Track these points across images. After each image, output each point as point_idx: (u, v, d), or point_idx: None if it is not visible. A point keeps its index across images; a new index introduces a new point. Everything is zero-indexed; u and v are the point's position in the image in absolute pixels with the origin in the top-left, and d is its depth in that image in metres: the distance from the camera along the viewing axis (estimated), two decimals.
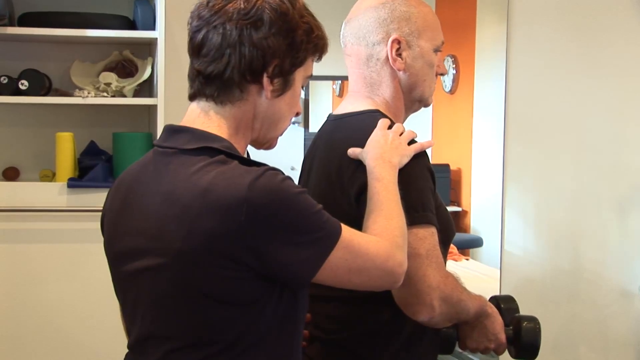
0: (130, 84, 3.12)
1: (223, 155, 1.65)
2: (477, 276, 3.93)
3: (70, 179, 2.96)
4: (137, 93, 3.16)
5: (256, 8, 1.68)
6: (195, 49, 1.71)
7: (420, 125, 4.02)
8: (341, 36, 2.09)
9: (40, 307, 2.98)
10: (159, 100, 3.00)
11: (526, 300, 3.75)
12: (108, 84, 3.08)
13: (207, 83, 1.71)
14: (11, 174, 3.20)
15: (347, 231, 1.67)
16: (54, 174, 3.08)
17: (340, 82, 4.06)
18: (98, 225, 2.88)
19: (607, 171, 3.82)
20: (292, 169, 3.93)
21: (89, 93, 3.01)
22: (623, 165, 3.80)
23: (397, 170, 1.88)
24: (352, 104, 2.06)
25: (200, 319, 1.63)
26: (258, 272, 1.60)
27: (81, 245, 2.99)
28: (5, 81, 3.00)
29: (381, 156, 1.89)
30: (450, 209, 3.09)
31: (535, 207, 3.80)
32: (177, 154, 1.68)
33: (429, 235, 1.88)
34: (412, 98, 2.09)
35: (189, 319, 1.64)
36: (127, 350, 2.11)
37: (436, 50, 2.07)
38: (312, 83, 3.98)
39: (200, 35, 1.70)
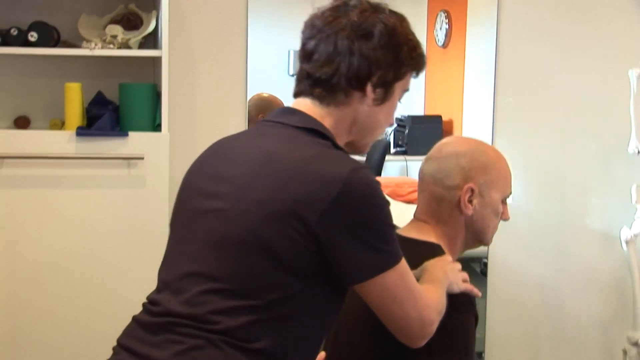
0: (136, 37, 3.10)
1: (330, 142, 1.72)
2: None
3: (78, 128, 2.96)
4: (142, 45, 3.15)
5: (368, 22, 1.74)
6: (307, 55, 1.77)
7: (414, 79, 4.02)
8: (419, 171, 2.14)
9: (51, 248, 2.99)
10: (164, 52, 2.99)
11: (513, 246, 3.80)
12: (114, 37, 3.06)
13: (315, 85, 1.75)
14: (22, 123, 3.20)
15: (405, 264, 1.71)
16: (63, 123, 3.08)
17: None
18: (105, 171, 2.91)
19: (592, 123, 3.84)
20: None
21: (96, 45, 3.00)
22: (607, 117, 3.81)
23: (446, 286, 1.92)
24: (418, 231, 2.10)
25: (251, 270, 1.65)
26: (318, 250, 1.62)
27: (89, 190, 3.00)
28: (15, 33, 2.98)
29: (442, 267, 1.93)
30: None
31: (522, 157, 3.79)
32: (287, 127, 1.75)
33: None
34: (473, 238, 2.14)
35: (240, 266, 1.65)
36: (136, 293, 2.10)
37: (504, 200, 2.13)
38: None
39: (312, 43, 1.76)
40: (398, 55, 1.76)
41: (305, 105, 1.77)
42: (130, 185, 3.01)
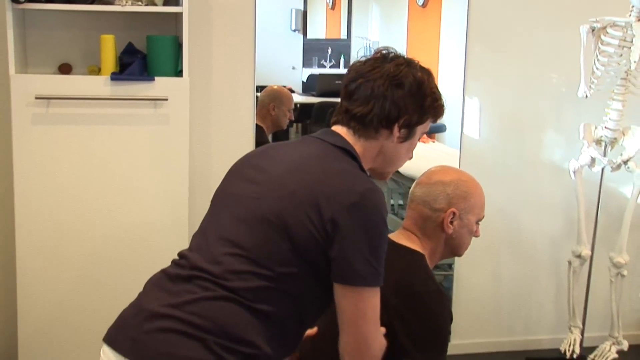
0: None
1: (357, 164, 1.78)
2: (441, 156, 3.96)
3: (112, 73, 2.96)
4: (166, 2, 3.11)
5: (402, 74, 1.78)
6: (349, 94, 1.81)
7: (398, 33, 4.01)
8: (410, 192, 2.18)
9: (89, 175, 2.99)
10: (184, 9, 2.97)
11: (479, 174, 3.77)
12: None
13: (351, 119, 1.80)
14: (65, 69, 3.19)
15: (379, 294, 1.71)
16: (99, 69, 3.07)
17: None
18: (135, 110, 2.95)
19: (548, 71, 3.84)
20: (293, 68, 3.92)
21: (126, 2, 2.97)
22: (561, 66, 3.80)
23: None
24: (407, 240, 2.12)
25: (269, 245, 1.67)
26: (324, 244, 1.65)
27: (121, 127, 2.98)
28: None
29: None
30: None
31: (489, 100, 3.81)
32: (326, 143, 1.79)
33: None
34: (450, 252, 2.18)
35: (261, 240, 1.68)
36: (161, 211, 2.12)
37: (477, 222, 2.17)
38: None
39: (354, 85, 1.80)
40: (423, 104, 1.80)
41: (343, 132, 1.81)
42: (156, 122, 3.00)
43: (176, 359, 1.60)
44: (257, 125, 3.50)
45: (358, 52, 4.00)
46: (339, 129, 1.82)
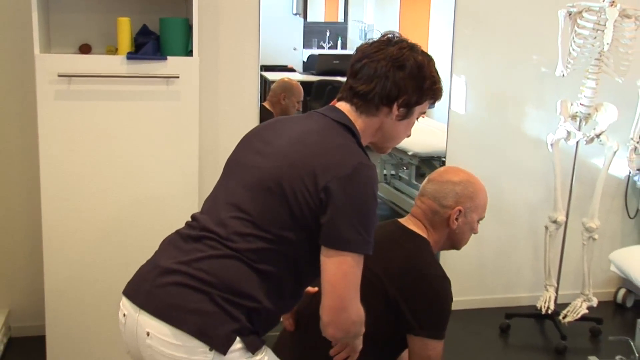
0: None
1: (356, 140, 1.76)
2: (430, 130, 3.96)
3: (128, 53, 2.94)
4: None
5: (404, 56, 1.76)
6: (354, 73, 1.80)
7: (391, 17, 4.01)
8: (422, 186, 2.20)
9: (107, 146, 2.99)
10: None
11: (465, 147, 3.87)
12: None
13: (354, 96, 1.79)
14: (85, 49, 3.19)
15: (362, 261, 1.68)
16: (116, 49, 3.06)
17: None
18: (149, 87, 2.96)
19: (529, 51, 3.84)
20: (294, 48, 3.92)
21: None
22: (541, 47, 3.81)
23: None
24: (415, 226, 2.14)
25: (270, 210, 1.68)
26: (317, 211, 1.64)
27: (136, 102, 2.98)
28: None
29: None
30: None
31: (474, 78, 3.82)
32: (329, 119, 1.78)
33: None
34: (450, 244, 2.20)
35: (263, 205, 1.68)
36: (173, 179, 2.07)
37: (479, 221, 2.19)
38: None
39: (360, 64, 1.79)
40: (422, 86, 1.78)
41: (346, 108, 1.80)
42: (168, 98, 2.98)
43: (184, 310, 1.62)
44: (267, 109, 3.53)
45: (354, 35, 3.99)
46: (342, 105, 1.81)
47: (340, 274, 1.64)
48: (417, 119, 1.86)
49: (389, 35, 1.82)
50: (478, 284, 4.01)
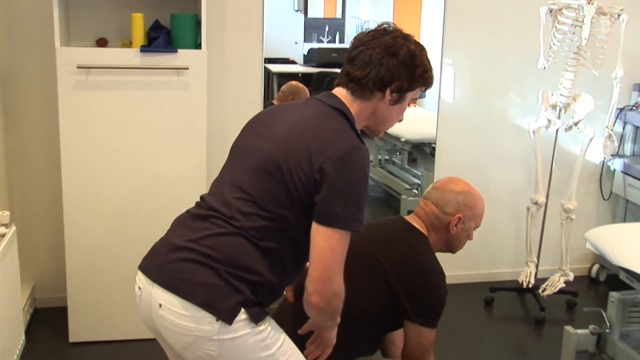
0: None
1: (350, 124, 1.74)
2: (421, 118, 3.95)
3: (141, 46, 2.94)
4: None
5: (397, 45, 1.75)
6: (350, 59, 1.78)
7: (385, 13, 3.99)
8: (427, 192, 2.22)
9: (122, 132, 3.00)
10: None
11: (453, 134, 3.86)
12: None
13: (350, 81, 1.77)
14: (102, 43, 3.19)
15: (349, 237, 1.66)
16: (130, 43, 3.05)
17: None
18: (160, 78, 2.96)
19: (513, 44, 3.82)
20: (296, 42, 3.91)
21: None
22: (524, 41, 3.79)
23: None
24: (418, 225, 2.16)
25: (270, 191, 1.68)
26: (312, 190, 1.64)
27: (149, 92, 2.98)
28: None
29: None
30: None
31: (463, 69, 3.80)
32: (325, 105, 1.76)
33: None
34: (446, 248, 2.21)
35: (264, 187, 1.68)
36: (184, 161, 2.04)
37: (475, 228, 2.20)
38: None
39: (356, 51, 1.77)
40: (413, 73, 1.77)
41: (342, 93, 1.78)
42: (178, 88, 2.98)
43: (193, 283, 1.63)
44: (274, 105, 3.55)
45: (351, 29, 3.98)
46: (339, 90, 1.79)
47: (328, 248, 1.62)
48: (408, 104, 1.85)
49: (385, 26, 1.81)
50: (465, 260, 4.01)
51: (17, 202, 3.37)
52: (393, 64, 1.74)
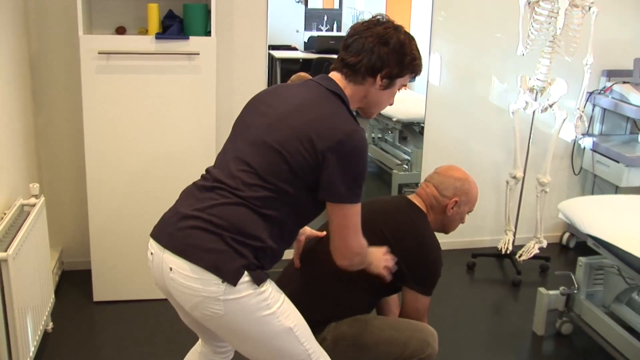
0: None
1: (345, 106, 1.74)
2: (411, 100, 3.93)
3: (157, 34, 2.93)
4: None
5: (388, 35, 1.74)
6: (345, 46, 1.77)
7: (378, 4, 3.97)
8: (429, 176, 2.22)
9: (139, 112, 2.99)
10: None
11: (441, 113, 3.84)
12: None
13: (344, 67, 1.76)
14: (121, 30, 3.17)
15: (359, 208, 1.70)
16: (147, 30, 3.04)
17: None
18: (174, 63, 2.94)
19: (495, 33, 3.79)
20: (297, 31, 3.90)
21: None
22: (505, 30, 3.75)
23: (371, 261, 1.92)
24: (420, 204, 2.17)
25: (272, 165, 1.66)
26: (315, 169, 1.64)
27: (164, 75, 2.97)
28: None
29: (376, 252, 1.94)
30: None
31: (449, 55, 3.77)
32: (322, 87, 1.75)
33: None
34: (441, 228, 2.20)
35: (266, 161, 1.67)
36: (195, 138, 2.00)
37: (468, 212, 2.21)
38: None
39: (351, 40, 1.76)
40: (403, 61, 1.75)
41: (337, 77, 1.77)
42: (190, 72, 2.97)
43: (201, 249, 1.63)
44: None
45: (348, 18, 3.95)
46: (334, 74, 1.78)
47: (343, 222, 1.69)
48: (398, 89, 1.84)
49: (378, 17, 1.79)
50: None
51: (46, 176, 3.38)
52: (384, 52, 1.73)
